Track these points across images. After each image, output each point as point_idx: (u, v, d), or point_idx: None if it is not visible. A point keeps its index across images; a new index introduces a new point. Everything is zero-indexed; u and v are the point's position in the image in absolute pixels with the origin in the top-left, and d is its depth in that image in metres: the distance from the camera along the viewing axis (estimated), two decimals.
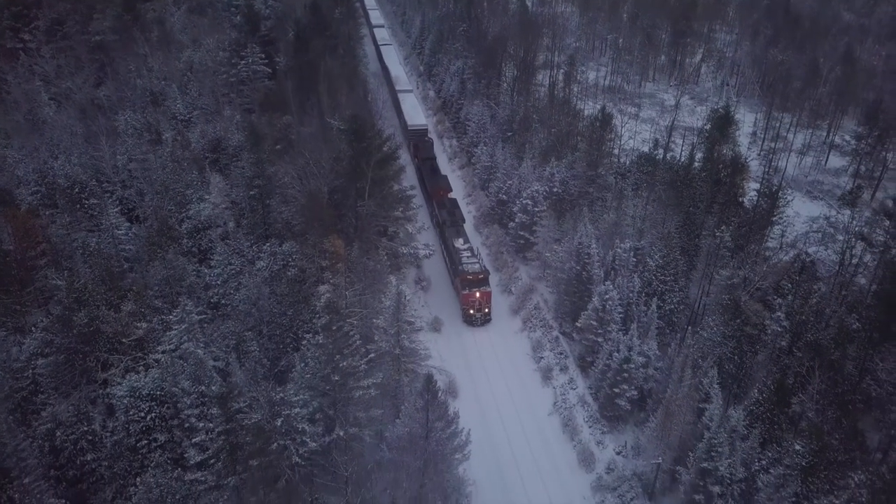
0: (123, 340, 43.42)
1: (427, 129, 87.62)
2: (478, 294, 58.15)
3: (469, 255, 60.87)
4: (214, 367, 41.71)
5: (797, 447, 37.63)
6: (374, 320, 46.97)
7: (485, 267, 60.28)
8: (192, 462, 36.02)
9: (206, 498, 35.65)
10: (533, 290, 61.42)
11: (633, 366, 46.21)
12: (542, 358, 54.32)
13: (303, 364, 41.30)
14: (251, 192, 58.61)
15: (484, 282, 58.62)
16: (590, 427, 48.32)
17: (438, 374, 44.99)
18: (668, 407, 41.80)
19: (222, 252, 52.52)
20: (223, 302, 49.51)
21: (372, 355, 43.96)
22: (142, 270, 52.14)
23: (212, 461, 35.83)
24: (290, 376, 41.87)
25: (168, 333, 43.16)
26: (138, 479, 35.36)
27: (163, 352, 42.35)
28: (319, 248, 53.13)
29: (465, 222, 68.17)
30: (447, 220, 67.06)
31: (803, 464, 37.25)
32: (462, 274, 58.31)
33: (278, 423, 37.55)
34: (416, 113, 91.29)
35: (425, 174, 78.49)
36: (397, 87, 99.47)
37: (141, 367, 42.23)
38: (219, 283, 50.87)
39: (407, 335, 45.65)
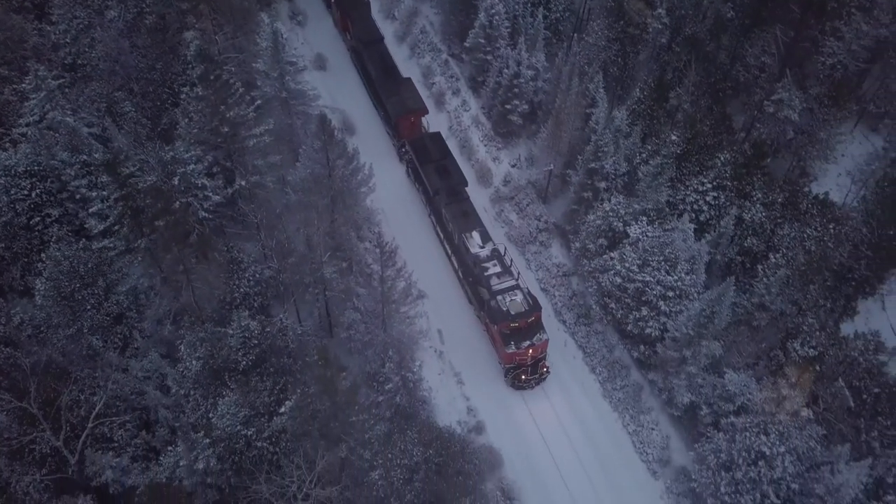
0: None
1: None
2: (531, 351, 37.12)
3: (499, 269, 38.41)
4: (91, 134, 39.15)
5: (673, 137, 40.88)
6: (253, 64, 44.04)
7: (532, 297, 37.97)
8: (95, 231, 35.49)
9: (120, 262, 35.97)
10: (417, 14, 58.27)
11: (522, 80, 46.69)
12: (433, 84, 53.75)
13: (186, 119, 39.26)
14: None
15: (536, 325, 37.35)
16: (485, 146, 50.14)
17: (331, 113, 44.05)
18: (557, 116, 43.48)
19: (62, 3, 45.79)
20: (80, 62, 44.56)
21: (258, 102, 42.13)
22: None
23: (116, 228, 35.40)
24: (176, 133, 39.99)
25: (27, 104, 39.32)
26: (43, 254, 34.82)
27: (27, 125, 38.96)
28: None
29: (468, 185, 43.71)
30: (440, 188, 42.40)
31: (678, 152, 40.86)
32: (501, 322, 36.67)
33: (175, 181, 36.74)
34: None
35: (373, 74, 49.16)
36: None
37: (7, 144, 38.99)
38: (68, 41, 45.14)
39: (291, 77, 43.44)
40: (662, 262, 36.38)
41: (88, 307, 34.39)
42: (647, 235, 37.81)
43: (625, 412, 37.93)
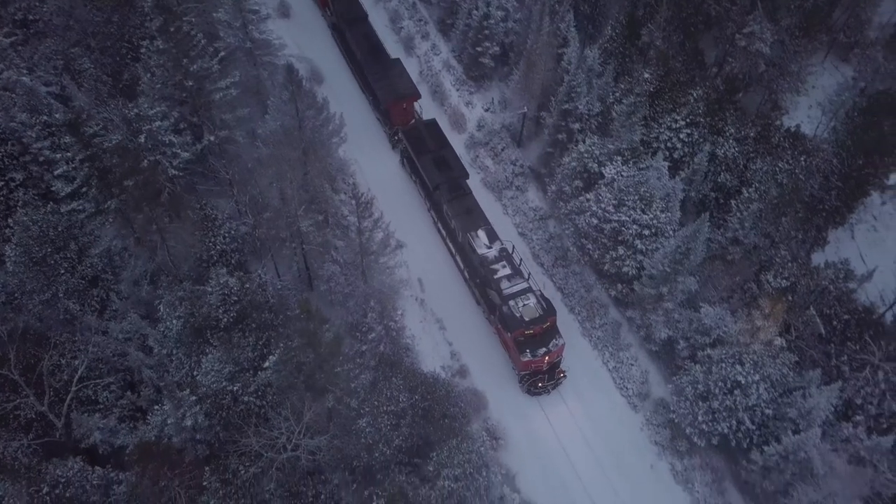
0: None
1: None
2: (547, 358, 35.70)
3: (509, 271, 36.68)
4: (49, 93, 37.82)
5: (646, 75, 40.62)
6: (214, 14, 42.53)
7: (546, 300, 36.40)
8: (62, 194, 34.70)
9: (91, 224, 35.35)
10: None
11: (492, 21, 45.79)
12: (401, 28, 52.49)
13: (148, 74, 38.08)
14: None
15: (551, 330, 35.75)
16: (457, 90, 49.46)
17: (298, 62, 42.83)
18: (529, 57, 42.89)
19: None
20: (31, 17, 42.68)
21: (222, 54, 40.85)
22: None
23: (83, 189, 34.66)
24: (139, 90, 38.82)
25: None
26: (10, 219, 34.05)
27: None
28: None
29: (468, 178, 41.48)
30: (440, 182, 39.93)
31: (651, 90, 40.68)
32: (515, 329, 34.99)
33: (142, 139, 35.88)
34: None
35: (359, 56, 46.66)
36: None
37: None
38: None
39: (255, 26, 42.12)
40: (638, 202, 36.60)
41: (62, 271, 33.90)
42: (622, 175, 37.90)
43: (604, 349, 38.73)
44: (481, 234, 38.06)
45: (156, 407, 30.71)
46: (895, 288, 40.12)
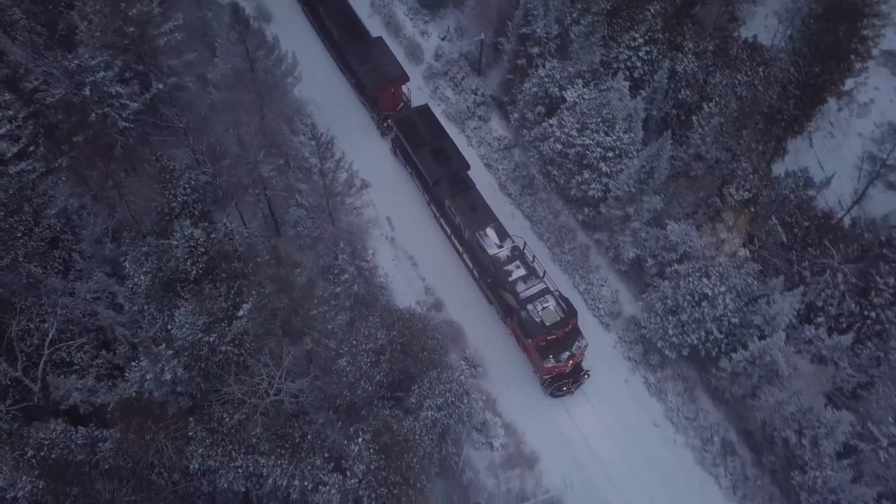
0: None
1: None
2: (571, 362, 34.52)
3: (523, 272, 34.90)
4: None
5: None
6: None
7: (565, 300, 34.90)
8: (8, 155, 33.34)
9: (44, 184, 34.22)
10: None
11: None
12: None
13: (86, 22, 36.15)
14: None
15: (573, 333, 34.39)
16: (412, 20, 48.11)
17: (243, 0, 41.08)
18: None
19: None
20: None
21: None
22: None
23: (31, 149, 33.40)
24: (78, 39, 36.90)
25: None
26: None
27: None
28: None
29: (469, 168, 39.04)
30: (440, 177, 37.69)
31: (608, 8, 40.00)
32: (537, 336, 33.54)
33: (86, 92, 34.43)
34: None
35: (337, 35, 43.61)
36: None
37: None
38: None
39: None
40: (600, 124, 36.52)
41: (19, 235, 32.95)
42: (583, 98, 37.66)
43: (574, 273, 39.34)
44: (490, 232, 36.11)
45: (133, 363, 30.58)
46: (852, 192, 41.21)
